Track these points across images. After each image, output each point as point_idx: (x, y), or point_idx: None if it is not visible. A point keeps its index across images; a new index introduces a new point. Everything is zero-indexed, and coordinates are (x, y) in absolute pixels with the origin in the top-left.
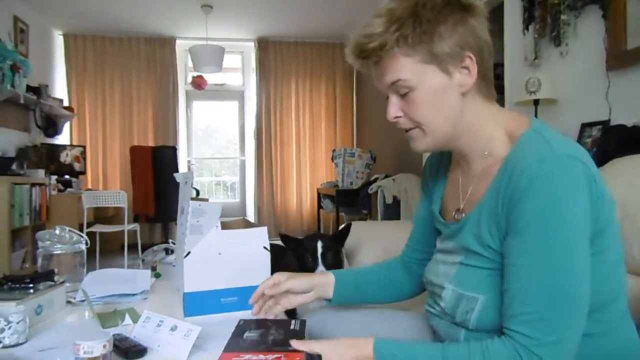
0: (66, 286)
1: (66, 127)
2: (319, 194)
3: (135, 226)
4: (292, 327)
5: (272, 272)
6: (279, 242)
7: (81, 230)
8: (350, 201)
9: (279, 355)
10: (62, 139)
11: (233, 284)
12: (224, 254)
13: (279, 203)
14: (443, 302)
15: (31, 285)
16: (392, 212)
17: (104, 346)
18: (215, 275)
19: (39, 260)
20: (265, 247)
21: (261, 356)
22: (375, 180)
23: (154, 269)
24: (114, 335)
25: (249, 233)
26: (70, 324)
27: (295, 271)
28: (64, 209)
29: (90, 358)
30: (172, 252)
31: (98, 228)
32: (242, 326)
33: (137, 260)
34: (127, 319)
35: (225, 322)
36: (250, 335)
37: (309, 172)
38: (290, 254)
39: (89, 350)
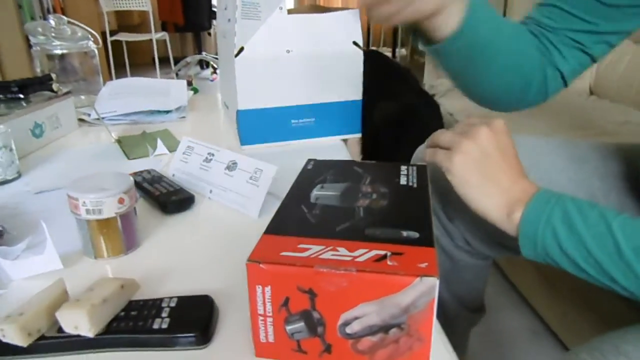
0: (77, 99)
1: None
2: None
3: (164, 35)
4: (404, 175)
5: None
6: None
7: (104, 39)
8: None
9: (381, 253)
10: None
11: (309, 98)
12: (295, 52)
13: None
14: None
15: (21, 96)
16: None
17: (121, 200)
18: (283, 85)
19: (36, 63)
20: (356, 43)
21: (342, 251)
22: None
23: (189, 83)
24: (143, 173)
25: (332, 19)
26: (82, 153)
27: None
28: (81, 14)
29: (99, 220)
30: (208, 65)
31: (123, 36)
32: (311, 172)
33: (170, 74)
34: (161, 146)
35: (299, 155)
36: (322, 194)
37: None
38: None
39: (94, 207)
